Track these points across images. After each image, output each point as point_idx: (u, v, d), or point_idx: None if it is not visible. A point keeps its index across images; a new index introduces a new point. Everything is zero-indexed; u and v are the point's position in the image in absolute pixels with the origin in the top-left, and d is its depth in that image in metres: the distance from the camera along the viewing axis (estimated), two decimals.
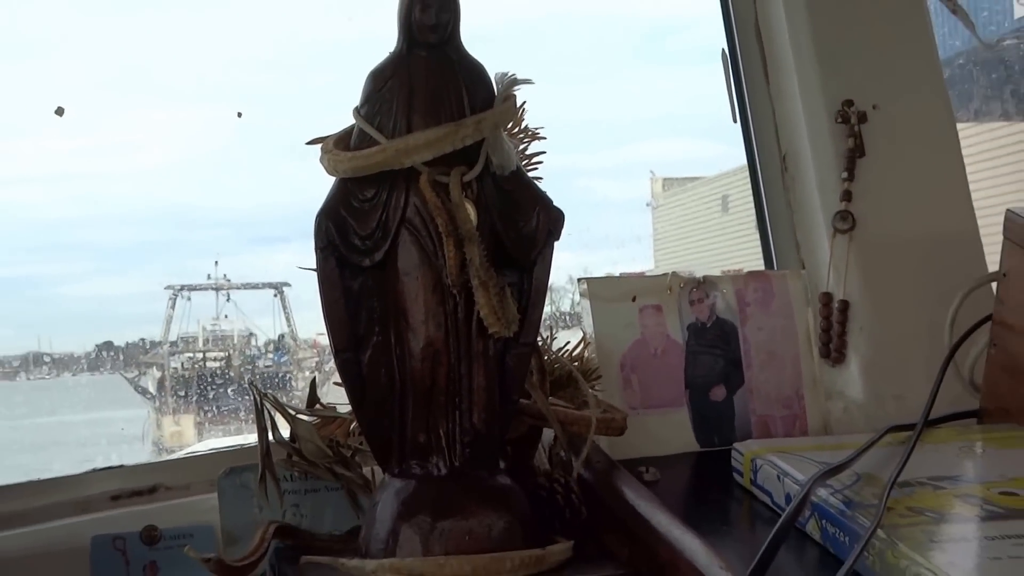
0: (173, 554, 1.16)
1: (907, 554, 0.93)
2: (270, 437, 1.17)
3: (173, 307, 8.55)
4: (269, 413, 1.17)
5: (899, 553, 0.94)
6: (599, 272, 1.36)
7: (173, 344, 8.45)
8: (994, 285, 1.27)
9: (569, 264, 1.36)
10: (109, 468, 1.23)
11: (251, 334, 8.70)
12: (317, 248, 1.06)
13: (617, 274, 1.38)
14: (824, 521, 1.04)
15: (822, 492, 1.06)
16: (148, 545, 1.15)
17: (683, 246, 9.77)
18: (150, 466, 1.23)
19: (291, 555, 1.11)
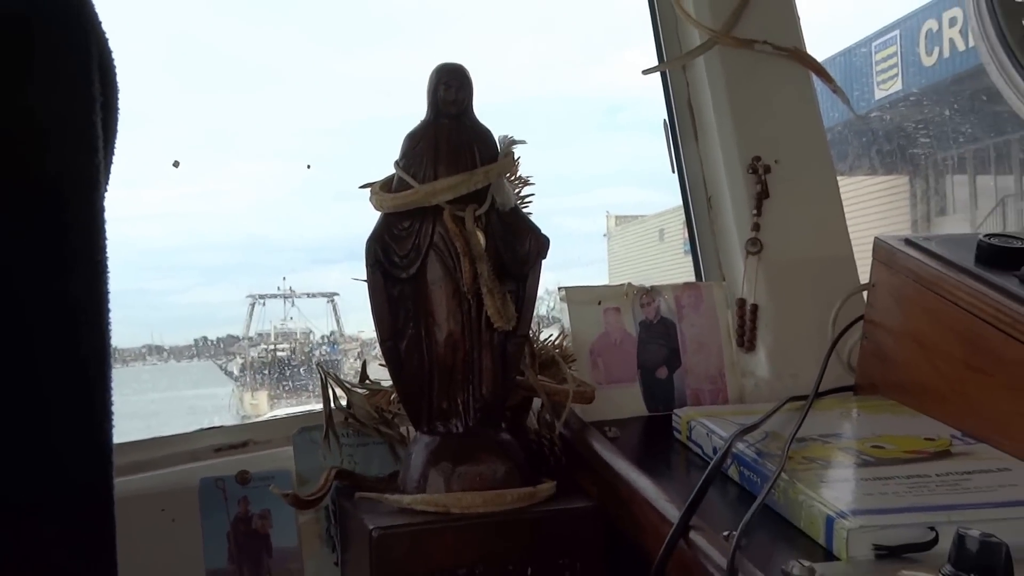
0: (260, 491, 1.15)
1: (803, 491, 0.93)
2: (332, 405, 1.18)
3: (252, 311, 8.54)
4: (332, 387, 1.18)
5: (797, 490, 0.94)
6: (569, 284, 1.36)
7: (251, 339, 8.45)
8: (865, 293, 1.27)
9: (547, 279, 1.35)
10: (211, 428, 1.23)
11: (310, 331, 8.69)
12: (367, 265, 1.06)
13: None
14: (742, 467, 1.04)
15: (740, 445, 1.05)
16: (241, 485, 1.15)
17: (630, 266, 9.78)
18: (242, 427, 1.22)
19: (348, 492, 1.11)
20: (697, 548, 0.89)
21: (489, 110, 1.15)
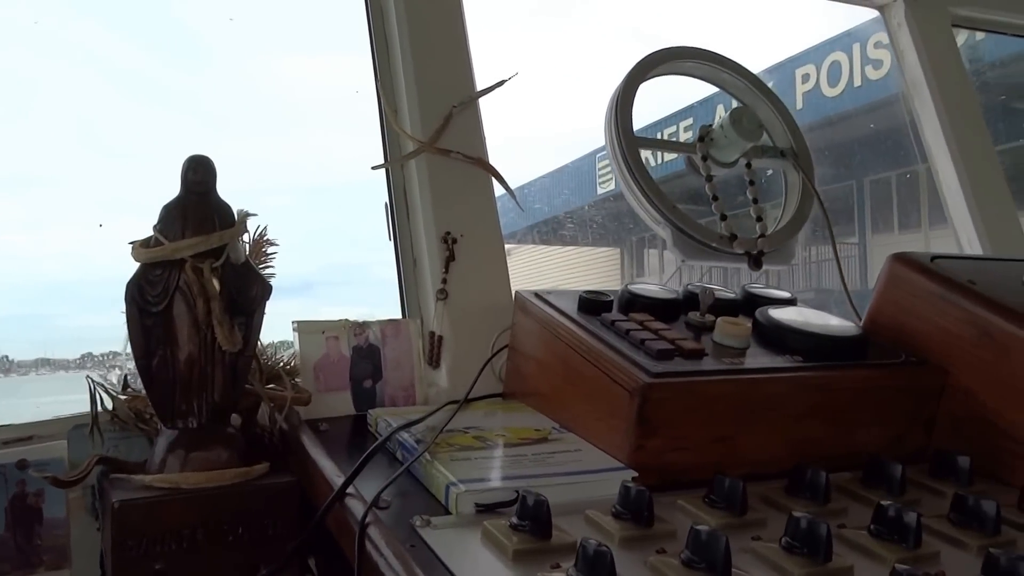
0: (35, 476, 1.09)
1: (437, 467, 0.97)
2: (99, 407, 1.12)
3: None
4: (99, 394, 1.13)
5: (434, 466, 0.97)
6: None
7: (128, 355, 7.90)
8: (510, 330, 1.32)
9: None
10: (1, 426, 1.14)
11: None
12: (126, 301, 1.03)
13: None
14: (404, 451, 1.06)
15: (404, 434, 1.07)
16: (20, 470, 1.07)
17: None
18: (28, 424, 1.14)
19: (108, 474, 1.06)
20: (347, 508, 0.91)
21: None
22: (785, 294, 1.38)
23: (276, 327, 1.29)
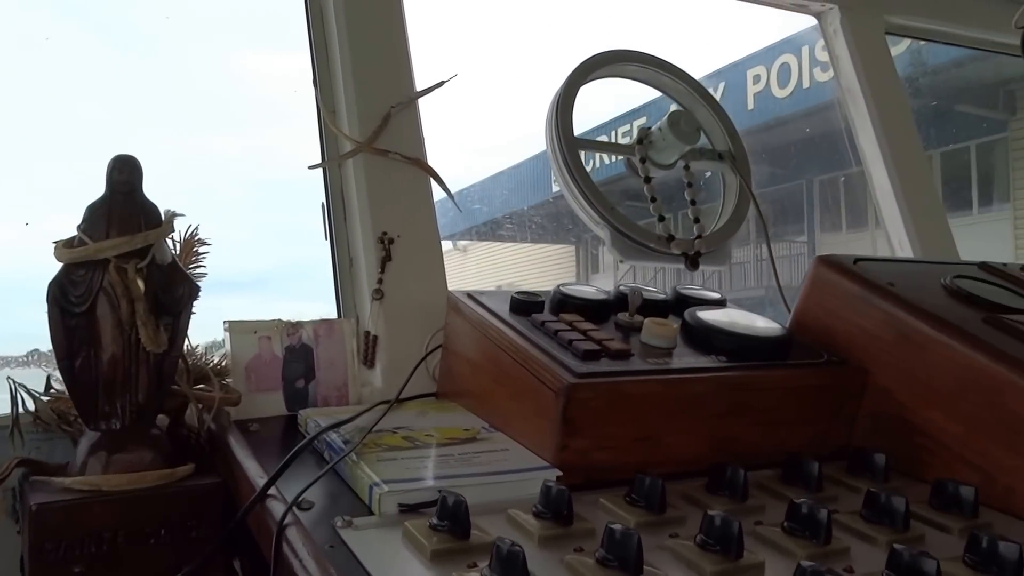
0: None
1: (362, 467, 0.97)
2: (20, 409, 1.10)
3: None
4: (21, 395, 1.11)
5: (359, 467, 0.97)
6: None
7: None
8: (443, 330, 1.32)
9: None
10: None
11: None
12: (47, 302, 1.01)
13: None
14: (330, 451, 1.06)
15: (333, 435, 1.07)
16: None
17: None
18: None
19: (28, 476, 1.04)
20: (267, 508, 0.91)
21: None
22: (715, 295, 1.41)
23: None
